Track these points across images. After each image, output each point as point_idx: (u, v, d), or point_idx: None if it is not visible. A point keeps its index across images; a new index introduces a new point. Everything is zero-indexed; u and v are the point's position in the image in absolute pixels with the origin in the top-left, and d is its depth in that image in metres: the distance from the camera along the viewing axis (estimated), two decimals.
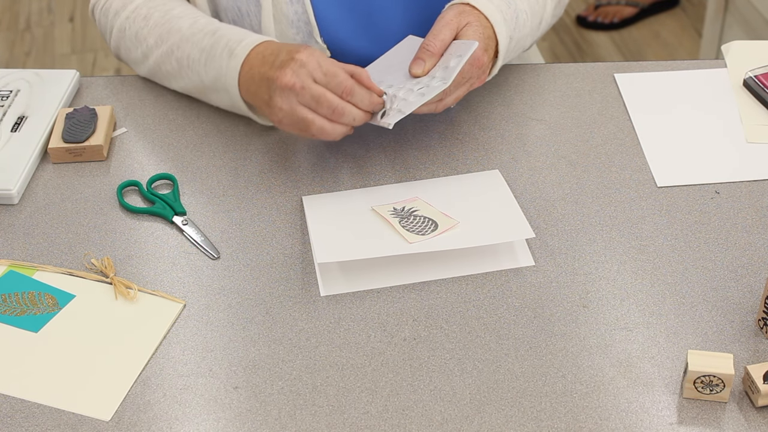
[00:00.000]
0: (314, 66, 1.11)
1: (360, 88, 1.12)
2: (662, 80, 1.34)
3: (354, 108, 1.12)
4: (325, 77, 1.11)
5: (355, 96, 1.11)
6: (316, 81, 1.11)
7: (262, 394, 0.97)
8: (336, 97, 1.11)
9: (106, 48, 3.24)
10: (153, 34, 1.27)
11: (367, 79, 1.13)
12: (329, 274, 1.08)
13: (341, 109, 1.11)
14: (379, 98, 1.13)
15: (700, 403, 0.95)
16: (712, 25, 2.53)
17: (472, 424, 0.94)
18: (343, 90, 1.11)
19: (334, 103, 1.10)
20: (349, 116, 1.12)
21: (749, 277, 1.06)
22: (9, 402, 0.97)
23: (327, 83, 1.11)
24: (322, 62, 1.11)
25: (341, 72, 1.11)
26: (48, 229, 1.15)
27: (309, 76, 1.11)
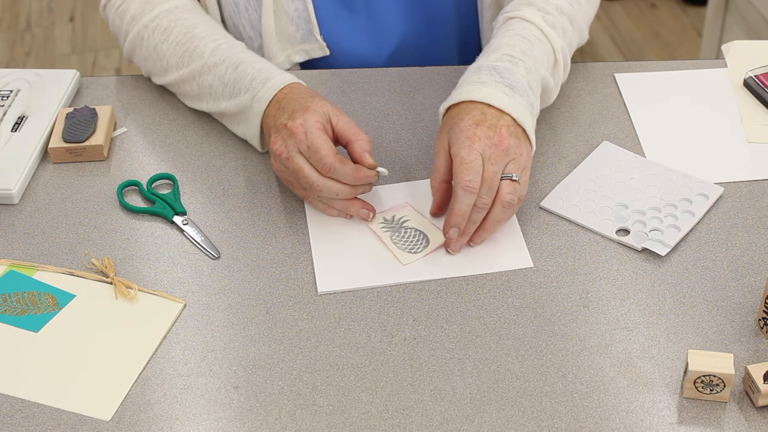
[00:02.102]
0: (301, 138, 1.08)
1: (344, 165, 1.08)
2: (662, 80, 1.34)
3: (335, 183, 1.09)
4: (308, 151, 1.08)
5: (336, 173, 1.08)
6: (301, 153, 1.09)
7: (262, 394, 0.97)
8: (314, 173, 1.08)
9: (107, 48, 3.24)
10: (174, 52, 1.24)
11: (359, 152, 1.09)
12: (327, 271, 1.08)
13: (318, 186, 1.08)
14: (369, 171, 1.09)
15: (701, 403, 0.95)
16: (712, 25, 2.52)
17: (472, 424, 0.94)
18: (322, 168, 1.08)
19: (310, 179, 1.08)
20: (328, 191, 1.09)
21: (749, 277, 1.06)
22: (9, 402, 0.97)
23: (309, 157, 1.08)
24: (310, 134, 1.08)
25: (324, 148, 1.07)
26: (48, 229, 1.15)
27: (295, 147, 1.09)
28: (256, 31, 1.34)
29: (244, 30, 1.35)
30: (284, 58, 1.36)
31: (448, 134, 1.09)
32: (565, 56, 1.22)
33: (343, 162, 1.08)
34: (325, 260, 1.09)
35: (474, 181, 1.05)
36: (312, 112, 1.10)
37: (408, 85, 1.33)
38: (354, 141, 1.10)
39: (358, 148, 1.10)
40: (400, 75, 1.35)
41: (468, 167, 1.05)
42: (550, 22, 1.20)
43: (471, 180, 1.05)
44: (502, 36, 1.19)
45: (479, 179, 1.06)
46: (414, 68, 1.36)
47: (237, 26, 1.35)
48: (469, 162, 1.06)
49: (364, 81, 1.35)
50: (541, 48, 1.18)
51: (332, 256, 1.10)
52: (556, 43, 1.20)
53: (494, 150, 1.07)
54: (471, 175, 1.05)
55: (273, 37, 1.33)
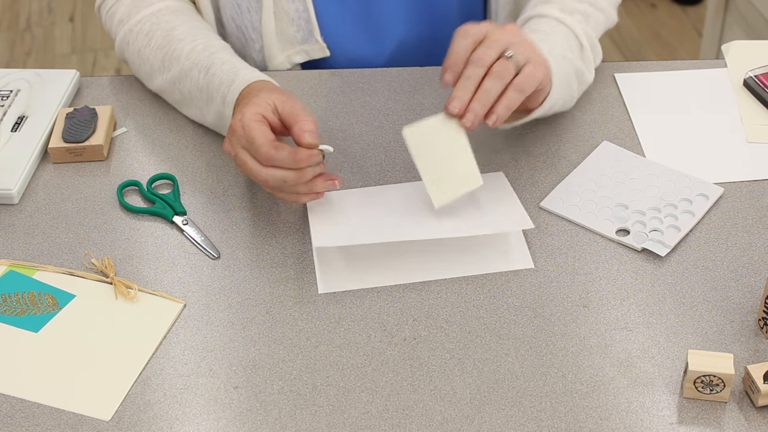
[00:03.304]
0: (240, 133, 1.06)
1: (279, 150, 1.04)
2: (662, 80, 1.34)
3: (278, 170, 1.05)
4: (248, 144, 1.06)
5: (275, 160, 1.05)
6: (244, 148, 1.07)
7: (262, 394, 0.97)
8: (257, 165, 1.06)
9: (107, 48, 3.24)
10: (156, 56, 1.25)
11: (298, 132, 1.06)
12: (328, 271, 1.08)
13: (263, 177, 1.06)
14: (308, 152, 1.05)
15: (701, 403, 0.95)
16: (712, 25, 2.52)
17: (472, 424, 0.93)
18: (260, 158, 1.05)
19: (254, 172, 1.06)
20: (274, 180, 1.06)
21: (749, 277, 1.06)
22: (9, 402, 0.97)
23: (249, 150, 1.06)
24: (246, 127, 1.06)
25: (258, 138, 1.05)
26: (48, 229, 1.15)
27: (238, 143, 1.08)
28: (257, 33, 1.34)
29: (246, 31, 1.35)
30: (284, 58, 1.36)
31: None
32: (591, 39, 1.24)
33: (279, 148, 1.05)
34: (326, 260, 1.09)
35: (471, 29, 1.05)
36: (252, 104, 1.08)
37: (408, 85, 1.33)
38: (294, 123, 1.06)
39: (297, 129, 1.06)
40: (400, 75, 1.35)
41: (470, 24, 1.07)
42: (566, 10, 1.22)
43: (469, 28, 1.06)
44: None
45: (476, 31, 1.05)
46: (414, 68, 1.36)
47: (240, 28, 1.35)
48: (473, 23, 1.07)
49: (364, 81, 1.35)
50: (559, 34, 1.20)
51: (334, 255, 1.10)
52: (576, 28, 1.21)
53: (499, 27, 1.07)
54: (470, 25, 1.06)
55: (273, 38, 1.34)
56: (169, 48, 1.24)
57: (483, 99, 1.05)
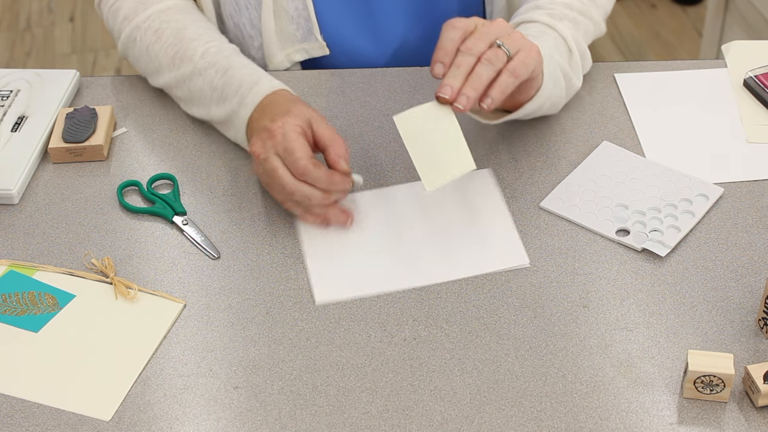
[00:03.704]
0: (279, 140, 1.08)
1: (318, 168, 1.07)
2: (662, 80, 1.34)
3: (307, 187, 1.07)
4: (284, 152, 1.07)
5: (309, 177, 1.07)
6: (278, 154, 1.08)
7: (262, 394, 0.97)
8: (288, 176, 1.07)
9: (107, 48, 3.24)
10: (165, 54, 1.25)
11: (334, 157, 1.09)
12: (322, 281, 1.07)
13: (291, 188, 1.07)
14: (343, 177, 1.09)
15: (701, 403, 0.95)
16: (712, 25, 2.52)
17: (472, 424, 0.93)
18: (295, 170, 1.07)
19: (284, 181, 1.07)
20: (301, 195, 1.08)
21: (749, 277, 1.06)
22: (9, 402, 0.97)
23: (284, 159, 1.07)
24: (287, 136, 1.07)
25: (298, 150, 1.07)
26: (48, 229, 1.15)
27: (272, 148, 1.08)
28: (256, 30, 1.34)
29: (244, 28, 1.35)
30: (284, 57, 1.36)
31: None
32: (579, 45, 1.25)
33: (317, 166, 1.07)
34: (320, 268, 1.09)
35: (459, 22, 1.07)
36: (293, 115, 1.10)
37: (408, 85, 1.33)
38: (330, 146, 1.09)
39: (333, 153, 1.09)
40: (400, 75, 1.35)
41: (457, 18, 1.08)
42: (556, 16, 1.23)
43: (457, 21, 1.07)
44: None
45: (465, 23, 1.07)
46: (414, 68, 1.36)
47: (237, 25, 1.35)
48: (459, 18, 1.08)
49: (364, 81, 1.35)
50: (548, 38, 1.21)
51: (328, 263, 1.09)
52: (565, 32, 1.22)
53: (488, 21, 1.09)
54: (457, 19, 1.08)
55: (273, 36, 1.33)
56: (181, 46, 1.24)
57: (475, 83, 1.05)
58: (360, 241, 1.11)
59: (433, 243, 1.11)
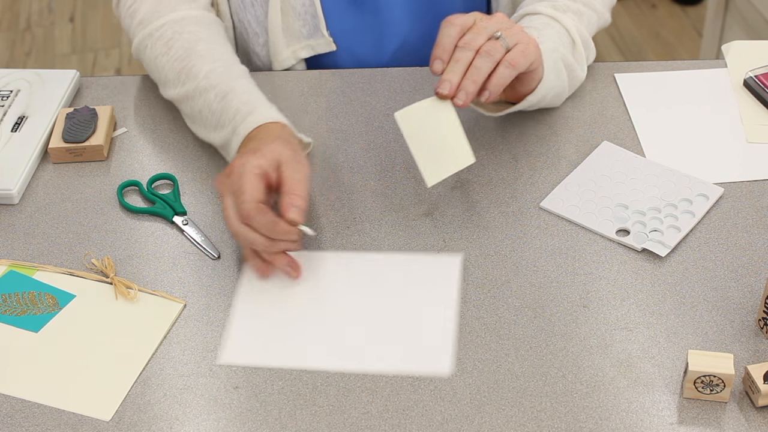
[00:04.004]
0: (235, 179, 1.03)
1: (262, 214, 1.01)
2: (662, 80, 1.34)
3: (251, 232, 1.02)
4: (234, 194, 1.03)
5: (252, 221, 1.01)
6: (231, 193, 1.03)
7: (262, 394, 0.97)
8: (233, 218, 1.03)
9: (107, 48, 3.24)
10: (172, 68, 1.22)
11: (286, 205, 1.02)
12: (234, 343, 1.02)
13: (235, 230, 1.03)
14: (288, 227, 1.01)
15: (701, 403, 0.95)
16: (712, 25, 2.52)
17: (472, 424, 0.93)
18: (239, 212, 1.02)
19: (230, 220, 1.03)
20: (243, 239, 1.03)
21: (749, 277, 1.06)
22: (9, 402, 0.97)
23: (234, 200, 1.03)
24: (242, 176, 1.02)
25: (247, 193, 1.01)
26: (48, 229, 1.15)
27: (229, 187, 1.04)
28: (262, 27, 1.34)
29: (249, 26, 1.34)
30: (290, 53, 1.36)
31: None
32: (583, 36, 1.26)
33: (262, 211, 1.01)
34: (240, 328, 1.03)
35: (458, 18, 1.07)
36: (259, 155, 1.04)
37: (408, 85, 1.33)
38: (287, 194, 1.03)
39: (286, 201, 1.02)
40: (401, 75, 1.35)
41: (455, 14, 1.08)
42: (559, 8, 1.24)
43: (455, 18, 1.07)
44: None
45: (463, 20, 1.07)
46: (414, 68, 1.36)
47: (242, 22, 1.35)
48: (457, 14, 1.09)
49: (365, 81, 1.35)
50: (551, 30, 1.22)
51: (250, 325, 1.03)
52: (569, 24, 1.23)
53: (487, 16, 1.10)
54: (455, 16, 1.08)
55: (279, 33, 1.33)
56: (188, 62, 1.20)
57: (474, 76, 1.05)
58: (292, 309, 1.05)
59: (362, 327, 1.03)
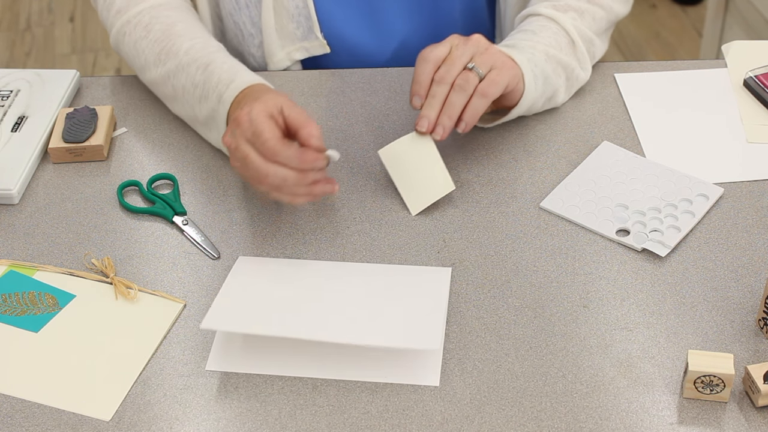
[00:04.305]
0: (246, 126, 1.04)
1: (288, 147, 1.03)
2: (662, 80, 1.34)
3: (281, 168, 1.04)
4: (253, 137, 1.04)
5: (279, 156, 1.03)
6: (248, 141, 1.05)
7: (262, 394, 0.97)
8: (259, 160, 1.04)
9: (107, 48, 3.24)
10: (152, 50, 1.24)
11: (305, 136, 1.05)
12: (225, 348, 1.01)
13: (264, 171, 1.04)
14: (315, 154, 1.04)
15: (701, 403, 0.95)
16: (712, 25, 2.52)
17: (472, 424, 0.93)
18: (265, 152, 1.04)
19: (256, 165, 1.04)
20: (274, 177, 1.04)
21: (749, 277, 1.06)
22: (9, 402, 0.97)
23: (254, 143, 1.04)
24: (254, 120, 1.04)
25: (266, 131, 1.03)
26: (48, 229, 1.15)
27: (242, 136, 1.05)
28: (257, 28, 1.34)
29: (244, 27, 1.34)
30: (284, 55, 1.36)
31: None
32: (585, 35, 1.26)
33: (287, 145, 1.04)
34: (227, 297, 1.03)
35: (432, 53, 1.12)
36: (261, 101, 1.07)
37: (408, 85, 1.33)
38: (301, 128, 1.06)
39: (305, 133, 1.06)
40: (401, 75, 1.35)
41: (432, 46, 1.14)
42: (560, 8, 1.25)
43: (430, 51, 1.13)
44: (511, 36, 1.25)
45: (438, 54, 1.12)
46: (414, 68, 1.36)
47: (237, 23, 1.35)
48: (435, 45, 1.14)
49: (364, 81, 1.35)
50: (547, 32, 1.23)
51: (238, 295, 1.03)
52: (567, 24, 1.24)
53: (462, 41, 1.14)
54: (430, 49, 1.13)
55: (273, 34, 1.33)
56: (168, 42, 1.23)
57: (449, 111, 1.11)
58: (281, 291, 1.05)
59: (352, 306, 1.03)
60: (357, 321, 1.00)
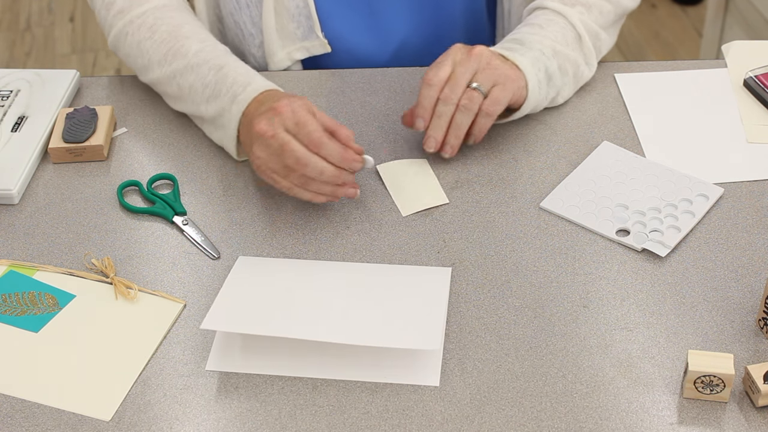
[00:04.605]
0: (288, 115, 1.07)
1: (332, 141, 1.07)
2: (662, 80, 1.34)
3: (321, 161, 1.06)
4: (295, 127, 1.06)
5: (323, 148, 1.06)
6: (288, 130, 1.07)
7: (262, 394, 0.97)
8: (301, 148, 1.06)
9: (107, 48, 3.24)
10: (158, 50, 1.23)
11: (345, 137, 1.08)
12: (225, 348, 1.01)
13: (304, 160, 1.06)
14: (355, 155, 1.08)
15: (701, 403, 0.95)
16: (712, 25, 2.52)
17: (472, 424, 0.93)
18: (309, 142, 1.06)
19: (297, 153, 1.06)
20: (314, 168, 1.06)
21: (749, 277, 1.06)
22: (9, 402, 0.97)
23: (297, 133, 1.06)
24: (297, 112, 1.07)
25: (312, 123, 1.07)
26: (48, 229, 1.15)
27: (281, 124, 1.07)
28: (257, 28, 1.34)
29: (245, 26, 1.34)
30: (285, 55, 1.36)
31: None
32: (591, 29, 1.27)
33: (332, 139, 1.07)
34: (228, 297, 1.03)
35: (435, 76, 1.15)
36: (297, 98, 1.10)
37: (408, 85, 1.33)
38: (337, 130, 1.09)
39: (343, 135, 1.09)
40: (400, 75, 1.35)
41: (435, 66, 1.16)
42: (568, 2, 1.26)
43: (433, 74, 1.15)
44: (517, 29, 1.26)
45: (441, 77, 1.15)
46: (414, 68, 1.36)
47: (238, 23, 1.35)
48: (437, 63, 1.16)
49: (364, 81, 1.35)
50: (554, 27, 1.24)
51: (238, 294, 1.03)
52: (574, 19, 1.25)
53: (465, 56, 1.16)
54: (434, 71, 1.15)
55: (274, 34, 1.33)
56: (175, 43, 1.23)
57: (456, 132, 1.17)
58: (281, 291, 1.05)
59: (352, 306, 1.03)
60: (357, 321, 1.00)
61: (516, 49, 1.20)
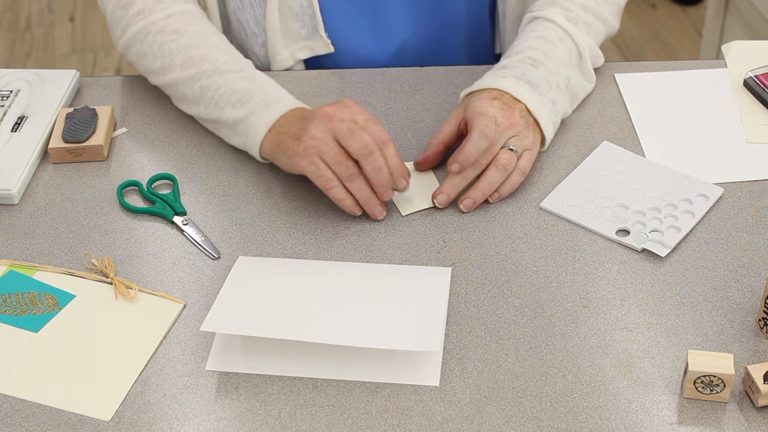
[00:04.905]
0: (357, 110, 1.11)
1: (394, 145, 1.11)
2: (662, 80, 1.34)
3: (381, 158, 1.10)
4: (365, 122, 1.10)
5: (387, 148, 1.10)
6: (356, 121, 1.10)
7: (262, 394, 0.97)
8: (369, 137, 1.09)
9: (107, 48, 3.24)
10: (182, 53, 1.22)
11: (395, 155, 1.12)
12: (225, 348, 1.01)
13: (371, 147, 1.09)
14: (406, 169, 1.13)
15: (701, 403, 0.95)
16: (712, 25, 2.52)
17: (472, 424, 0.93)
18: (377, 138, 1.10)
19: (366, 139, 1.09)
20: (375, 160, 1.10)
21: (749, 277, 1.06)
22: (9, 402, 0.97)
23: (365, 126, 1.10)
24: (365, 113, 1.12)
25: (380, 124, 1.11)
26: (48, 229, 1.15)
27: (351, 116, 1.10)
28: (260, 27, 1.34)
29: (248, 25, 1.34)
30: (288, 54, 1.36)
31: (465, 106, 1.18)
32: (592, 49, 1.28)
33: (393, 143, 1.11)
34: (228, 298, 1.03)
35: (491, 129, 1.13)
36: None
37: (408, 85, 1.33)
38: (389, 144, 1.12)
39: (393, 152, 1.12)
40: (400, 75, 1.35)
41: (487, 118, 1.14)
42: (572, 19, 1.25)
43: (489, 127, 1.13)
44: (526, 38, 1.25)
45: (495, 135, 1.14)
46: (414, 68, 1.36)
47: (241, 22, 1.35)
48: (488, 115, 1.14)
49: (364, 81, 1.35)
50: (563, 47, 1.24)
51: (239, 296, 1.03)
52: (580, 40, 1.25)
53: (504, 119, 1.15)
54: (489, 123, 1.13)
55: (277, 33, 1.33)
56: (204, 50, 1.22)
57: (485, 189, 1.15)
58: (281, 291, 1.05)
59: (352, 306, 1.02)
60: (357, 322, 1.00)
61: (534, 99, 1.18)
